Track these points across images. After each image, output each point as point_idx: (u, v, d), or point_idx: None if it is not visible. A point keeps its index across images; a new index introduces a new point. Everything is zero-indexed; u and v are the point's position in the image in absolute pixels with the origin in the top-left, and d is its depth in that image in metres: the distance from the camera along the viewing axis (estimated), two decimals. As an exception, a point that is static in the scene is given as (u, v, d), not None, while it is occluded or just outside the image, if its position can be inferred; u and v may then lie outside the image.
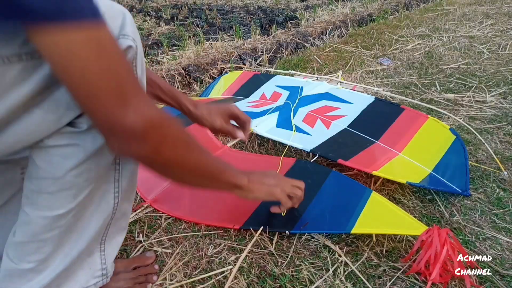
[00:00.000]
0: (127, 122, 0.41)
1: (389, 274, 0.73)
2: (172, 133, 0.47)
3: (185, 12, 3.65)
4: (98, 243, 0.59)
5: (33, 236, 0.51)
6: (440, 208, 0.89)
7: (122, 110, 0.40)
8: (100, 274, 0.61)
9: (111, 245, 0.62)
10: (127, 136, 0.42)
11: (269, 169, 0.98)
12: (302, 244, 0.80)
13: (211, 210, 0.88)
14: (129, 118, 0.41)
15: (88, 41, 0.37)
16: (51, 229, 0.51)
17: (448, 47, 2.11)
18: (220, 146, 1.10)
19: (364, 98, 1.28)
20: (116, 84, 0.40)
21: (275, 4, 3.90)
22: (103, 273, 0.62)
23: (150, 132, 0.43)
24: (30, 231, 0.51)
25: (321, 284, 0.71)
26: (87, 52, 0.37)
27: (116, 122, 0.41)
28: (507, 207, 0.90)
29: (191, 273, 0.74)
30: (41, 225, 0.50)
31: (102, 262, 0.61)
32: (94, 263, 0.60)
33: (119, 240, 0.64)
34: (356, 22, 2.82)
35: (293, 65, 1.92)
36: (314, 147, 1.02)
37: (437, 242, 0.67)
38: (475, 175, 1.01)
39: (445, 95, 1.51)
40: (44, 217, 0.50)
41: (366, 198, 0.81)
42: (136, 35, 0.47)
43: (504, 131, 1.23)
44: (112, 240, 0.62)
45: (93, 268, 0.60)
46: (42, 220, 0.50)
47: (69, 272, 0.57)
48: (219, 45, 2.15)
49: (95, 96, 0.39)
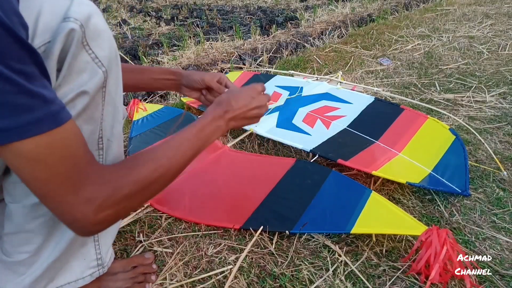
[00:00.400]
0: (80, 218, 0.43)
1: (389, 274, 0.73)
2: (124, 182, 0.47)
3: (185, 12, 3.65)
4: None
5: (18, 226, 0.51)
6: (440, 208, 0.90)
7: (74, 207, 0.43)
8: (95, 264, 0.61)
9: (104, 234, 0.61)
10: (88, 226, 0.45)
11: (269, 170, 0.98)
12: (302, 244, 0.80)
13: (211, 210, 0.88)
14: (80, 213, 0.43)
15: (46, 146, 0.39)
16: (34, 218, 0.51)
17: (447, 47, 2.11)
18: (220, 146, 1.10)
19: (364, 98, 1.28)
20: (70, 183, 0.42)
21: (275, 5, 3.90)
22: (99, 263, 0.61)
23: (105, 218, 0.45)
24: (14, 222, 0.51)
25: (321, 284, 0.71)
26: (41, 157, 0.39)
27: (72, 218, 0.43)
28: (507, 207, 0.90)
29: (191, 273, 0.74)
30: (22, 215, 0.51)
31: (96, 252, 0.60)
32: (89, 254, 0.59)
33: (113, 229, 0.64)
34: (356, 22, 2.82)
35: (293, 65, 1.92)
36: (314, 147, 1.02)
37: (436, 242, 0.67)
38: (475, 175, 1.01)
39: (444, 95, 1.52)
40: (23, 206, 0.50)
41: (366, 198, 0.81)
42: (86, 19, 0.44)
43: (503, 131, 1.23)
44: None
45: (88, 258, 0.59)
46: (21, 209, 0.50)
47: (62, 263, 0.57)
48: (219, 45, 2.15)
49: (49, 196, 0.42)
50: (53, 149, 0.40)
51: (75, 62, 0.44)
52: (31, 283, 0.55)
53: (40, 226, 0.52)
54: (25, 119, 0.37)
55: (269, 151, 1.17)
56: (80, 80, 0.45)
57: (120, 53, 2.12)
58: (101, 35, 0.46)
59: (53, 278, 0.57)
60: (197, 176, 0.98)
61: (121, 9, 3.87)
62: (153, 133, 1.16)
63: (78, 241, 0.57)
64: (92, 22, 0.44)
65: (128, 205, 0.48)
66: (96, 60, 0.46)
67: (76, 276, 0.59)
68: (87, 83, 0.46)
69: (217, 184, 0.96)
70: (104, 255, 0.61)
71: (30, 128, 0.38)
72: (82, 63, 0.45)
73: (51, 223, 0.53)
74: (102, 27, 0.46)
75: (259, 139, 1.22)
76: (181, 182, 0.96)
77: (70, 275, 0.58)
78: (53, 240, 0.54)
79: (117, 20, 3.28)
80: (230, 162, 1.04)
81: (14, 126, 0.37)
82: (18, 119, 0.37)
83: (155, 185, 0.51)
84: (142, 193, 0.49)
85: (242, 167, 1.02)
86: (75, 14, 0.43)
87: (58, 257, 0.55)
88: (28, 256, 0.53)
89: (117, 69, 0.50)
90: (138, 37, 2.71)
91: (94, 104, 0.48)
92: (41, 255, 0.54)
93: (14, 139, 0.37)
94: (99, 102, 0.49)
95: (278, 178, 0.93)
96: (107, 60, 0.47)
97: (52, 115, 0.39)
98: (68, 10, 0.43)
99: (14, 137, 0.37)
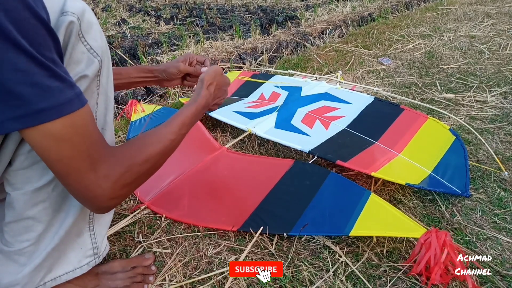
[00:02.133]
0: (99, 193, 0.47)
1: (390, 274, 0.73)
2: (136, 161, 0.52)
3: (185, 12, 3.65)
4: (86, 222, 0.61)
5: (19, 214, 0.53)
6: (441, 208, 0.89)
7: (94, 183, 0.47)
8: (91, 253, 0.63)
9: (99, 224, 0.63)
10: (106, 201, 0.49)
11: (268, 171, 0.97)
12: (302, 245, 0.80)
13: (209, 212, 0.87)
14: (100, 189, 0.47)
15: (71, 126, 0.44)
16: (34, 204, 0.53)
17: (448, 46, 2.11)
18: (218, 147, 1.10)
19: (364, 98, 1.28)
20: (90, 159, 0.46)
21: (275, 4, 3.90)
22: (95, 252, 0.63)
23: (120, 194, 0.50)
24: (15, 210, 0.53)
25: (321, 284, 0.71)
26: (68, 136, 0.44)
27: (92, 194, 0.47)
28: (508, 207, 0.90)
29: (191, 274, 0.74)
30: (23, 201, 0.52)
31: (92, 242, 0.63)
32: (85, 243, 0.62)
33: (107, 219, 0.66)
34: (357, 21, 2.82)
35: (293, 64, 1.91)
36: (313, 148, 1.02)
37: (436, 244, 0.66)
38: (476, 175, 1.01)
39: (445, 95, 1.51)
40: (23, 193, 0.52)
41: (365, 200, 0.81)
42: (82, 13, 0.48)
43: (504, 131, 1.22)
44: (100, 219, 0.63)
45: (84, 248, 0.62)
46: (22, 196, 0.52)
47: (60, 253, 0.58)
48: (219, 45, 2.15)
49: (70, 172, 0.46)
50: (77, 128, 0.44)
51: (74, 52, 0.48)
52: (30, 272, 0.56)
53: (41, 213, 0.54)
54: (58, 101, 0.41)
55: (269, 151, 1.17)
56: (78, 69, 0.50)
57: (120, 53, 2.12)
58: (93, 28, 0.50)
59: (51, 269, 0.58)
60: (195, 177, 0.98)
61: (121, 8, 3.87)
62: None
63: (74, 231, 0.59)
64: (86, 16, 0.49)
65: (139, 181, 0.53)
66: (92, 51, 0.50)
67: (74, 266, 0.61)
68: (84, 71, 0.50)
69: (215, 185, 0.96)
70: (99, 244, 0.64)
71: (61, 108, 0.42)
72: (79, 53, 0.49)
73: (50, 210, 0.54)
74: (94, 20, 0.51)
75: (259, 139, 1.22)
76: (179, 183, 0.96)
77: (67, 265, 0.60)
78: (53, 227, 0.56)
79: (116, 20, 3.27)
80: (228, 164, 1.03)
81: (48, 107, 0.41)
82: (52, 101, 0.41)
83: (160, 162, 0.57)
84: (150, 170, 0.55)
85: (240, 168, 1.01)
86: (72, 8, 0.47)
87: (57, 244, 0.57)
88: (28, 245, 0.55)
89: (108, 60, 0.54)
90: (137, 36, 2.70)
91: (89, 91, 0.52)
92: (41, 243, 0.56)
93: (47, 119, 0.41)
94: (94, 91, 0.53)
95: (276, 180, 0.92)
96: (100, 50, 0.51)
97: (77, 96, 0.44)
98: (64, 5, 0.47)
99: (47, 118, 0.41)
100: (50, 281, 0.59)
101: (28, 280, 0.56)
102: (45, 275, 0.58)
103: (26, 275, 0.56)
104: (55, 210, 0.55)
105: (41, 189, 0.52)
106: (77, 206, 0.57)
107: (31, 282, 0.57)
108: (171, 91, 1.63)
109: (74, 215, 0.57)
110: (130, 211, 0.90)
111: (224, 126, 1.32)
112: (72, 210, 0.57)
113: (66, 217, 0.57)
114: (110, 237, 0.83)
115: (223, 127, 1.32)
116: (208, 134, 1.14)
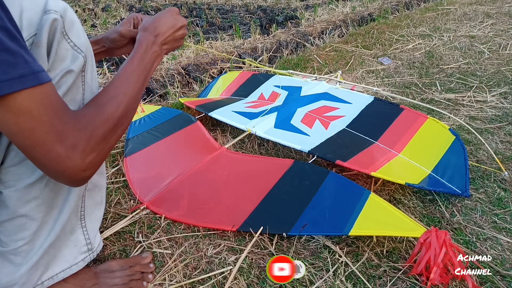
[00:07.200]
0: (70, 165, 0.45)
1: (390, 274, 0.73)
2: (97, 123, 0.49)
3: (185, 12, 3.65)
4: (78, 219, 0.62)
5: (12, 212, 0.53)
6: (441, 208, 0.89)
7: (63, 155, 0.45)
8: (86, 249, 0.64)
9: (91, 220, 0.64)
10: (79, 172, 0.47)
11: (267, 171, 0.97)
12: (302, 245, 0.80)
13: (208, 212, 0.87)
14: (69, 160, 0.45)
15: (30, 101, 0.42)
16: (27, 201, 0.53)
17: (448, 46, 2.11)
18: (218, 147, 1.09)
19: (363, 98, 1.28)
20: (54, 130, 0.44)
21: (275, 4, 3.90)
22: (89, 248, 0.64)
23: (91, 161, 0.48)
24: (8, 208, 0.53)
25: (321, 284, 0.71)
26: (29, 109, 0.42)
27: (62, 167, 0.45)
28: (508, 207, 0.90)
29: (191, 274, 0.74)
30: (15, 199, 0.53)
31: (85, 238, 0.63)
32: (78, 240, 0.62)
33: (98, 215, 0.66)
34: (357, 21, 2.82)
35: (293, 64, 1.91)
36: (313, 148, 1.02)
37: (436, 244, 0.66)
38: (476, 175, 1.01)
39: (445, 95, 1.51)
40: (15, 190, 0.52)
41: (365, 199, 0.81)
42: (64, 11, 0.49)
43: (504, 131, 1.22)
44: (91, 215, 0.64)
45: (78, 244, 0.62)
46: (14, 193, 0.52)
47: (55, 251, 0.59)
48: (218, 45, 2.15)
49: (39, 146, 0.44)
50: (36, 102, 0.42)
51: (59, 49, 0.49)
52: (28, 271, 0.56)
53: (34, 210, 0.54)
54: (10, 75, 0.39)
55: (269, 151, 1.17)
56: (64, 65, 0.50)
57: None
58: (75, 26, 0.51)
59: (48, 267, 0.59)
60: (194, 177, 0.98)
61: (120, 8, 3.87)
62: (151, 134, 1.15)
63: (68, 227, 0.59)
64: (68, 14, 0.50)
65: (107, 145, 0.51)
66: (76, 47, 0.51)
67: (69, 263, 0.62)
68: (70, 66, 0.51)
69: (215, 185, 0.96)
70: (92, 240, 0.65)
71: (14, 83, 0.40)
72: (64, 50, 0.50)
73: (44, 207, 0.55)
74: (75, 18, 0.52)
75: (259, 139, 1.22)
76: (179, 183, 0.96)
77: (63, 263, 0.61)
78: (47, 225, 0.56)
79: (116, 20, 3.27)
80: (227, 164, 1.03)
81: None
82: (2, 75, 0.39)
83: (123, 119, 0.54)
84: (115, 130, 0.52)
85: (239, 168, 1.01)
86: (54, 7, 0.48)
87: (53, 242, 0.57)
88: (23, 243, 0.55)
89: (92, 57, 0.55)
90: (138, 36, 2.70)
91: (75, 87, 0.53)
92: (36, 241, 0.56)
93: (15, 89, 0.40)
94: (79, 85, 0.53)
95: (276, 180, 0.92)
96: (84, 47, 0.52)
97: (34, 73, 0.42)
98: (46, 4, 0.48)
99: (15, 88, 0.40)
100: (48, 280, 0.59)
101: (26, 280, 0.56)
102: (42, 273, 0.58)
103: (24, 274, 0.56)
104: (49, 206, 0.55)
105: (33, 185, 0.53)
106: (70, 202, 0.58)
107: (29, 281, 0.57)
108: (171, 91, 1.63)
109: (67, 211, 0.57)
110: (129, 211, 0.90)
111: (224, 126, 1.32)
112: (65, 207, 0.57)
113: (60, 213, 0.57)
114: (110, 237, 0.83)
115: (223, 127, 1.32)
116: (207, 134, 1.14)
